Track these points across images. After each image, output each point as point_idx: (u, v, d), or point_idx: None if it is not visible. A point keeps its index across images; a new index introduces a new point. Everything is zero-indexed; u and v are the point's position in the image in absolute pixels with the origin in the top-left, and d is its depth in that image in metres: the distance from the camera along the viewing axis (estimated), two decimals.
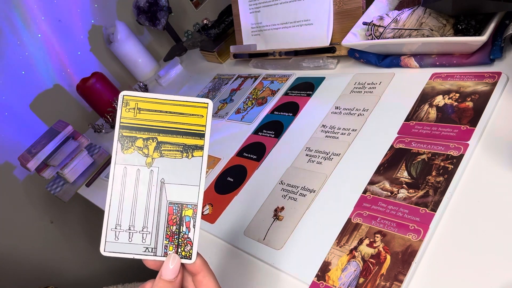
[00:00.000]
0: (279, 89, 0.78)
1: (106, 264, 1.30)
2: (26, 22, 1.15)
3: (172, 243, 0.35)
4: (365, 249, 0.43)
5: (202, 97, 0.95)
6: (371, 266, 0.41)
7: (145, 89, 1.20)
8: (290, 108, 0.71)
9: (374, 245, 0.42)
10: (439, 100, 0.52)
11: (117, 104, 0.36)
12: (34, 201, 1.20)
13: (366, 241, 0.43)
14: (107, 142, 1.09)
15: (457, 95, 0.51)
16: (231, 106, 0.83)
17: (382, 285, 0.39)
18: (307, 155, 0.59)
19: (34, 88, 1.19)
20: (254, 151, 0.67)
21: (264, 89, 0.81)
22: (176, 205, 0.35)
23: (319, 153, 0.58)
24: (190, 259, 0.35)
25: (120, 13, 1.30)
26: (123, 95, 0.36)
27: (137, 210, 0.35)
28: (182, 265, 0.35)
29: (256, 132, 0.71)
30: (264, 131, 0.70)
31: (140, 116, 0.36)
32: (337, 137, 0.58)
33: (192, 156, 0.36)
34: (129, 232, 0.35)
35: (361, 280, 0.40)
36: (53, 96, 1.23)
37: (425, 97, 0.54)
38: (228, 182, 0.65)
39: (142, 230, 0.35)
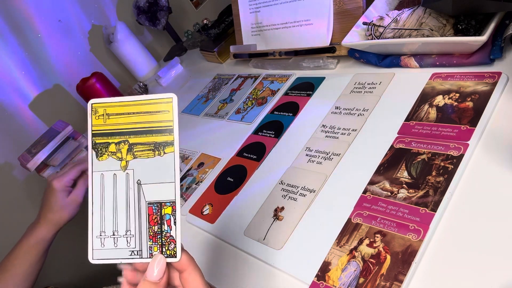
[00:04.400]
0: (279, 89, 0.78)
1: (106, 265, 1.30)
2: (26, 22, 1.15)
3: (156, 243, 0.35)
4: (365, 249, 0.43)
5: (202, 97, 0.95)
6: (371, 266, 0.41)
7: (145, 89, 1.20)
8: (290, 108, 0.71)
9: (374, 245, 0.42)
10: (439, 100, 0.52)
11: None
12: (34, 201, 1.20)
13: (366, 241, 0.43)
14: None
15: (457, 95, 0.51)
16: (231, 106, 0.83)
17: (382, 285, 0.39)
18: (307, 155, 0.59)
19: (34, 88, 1.19)
20: (254, 151, 0.67)
21: (264, 89, 0.81)
22: (155, 205, 0.35)
23: (319, 153, 0.58)
24: (175, 257, 0.35)
25: (120, 13, 1.30)
26: (91, 104, 0.36)
27: (118, 215, 0.36)
28: (168, 264, 0.35)
29: (256, 132, 0.71)
30: (264, 131, 0.70)
31: (110, 121, 0.36)
32: (337, 137, 0.58)
33: (164, 153, 0.35)
34: (114, 238, 0.35)
35: (361, 280, 0.40)
36: (53, 96, 1.22)
37: (425, 97, 0.54)
38: (228, 182, 0.65)
39: (126, 234, 0.35)
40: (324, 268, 0.44)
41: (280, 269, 0.48)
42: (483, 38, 0.49)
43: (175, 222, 0.35)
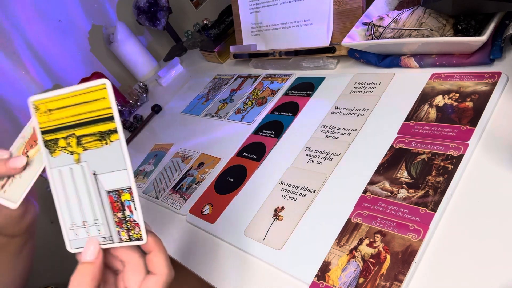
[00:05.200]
0: (279, 89, 0.78)
1: None
2: (26, 22, 1.15)
3: (123, 228, 0.36)
4: (365, 249, 0.43)
5: (202, 97, 0.95)
6: (371, 266, 0.41)
7: (145, 89, 1.20)
8: (290, 108, 0.71)
9: (374, 245, 0.42)
10: (439, 100, 0.52)
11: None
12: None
13: (366, 241, 0.43)
14: None
15: (457, 95, 0.51)
16: (231, 106, 0.83)
17: (382, 285, 0.39)
18: (307, 155, 0.59)
19: (34, 88, 1.19)
20: (254, 151, 0.67)
21: (264, 89, 0.81)
22: (114, 193, 0.36)
23: (319, 153, 0.58)
24: (142, 239, 0.36)
25: (120, 13, 1.30)
26: (32, 101, 0.36)
27: (83, 206, 0.37)
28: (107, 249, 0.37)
29: (256, 132, 0.71)
30: (264, 131, 0.70)
31: (53, 117, 0.36)
32: (337, 137, 0.58)
33: (111, 141, 0.35)
34: (85, 227, 0.37)
35: (361, 280, 0.40)
36: None
37: (425, 97, 0.54)
38: (228, 182, 0.65)
39: (95, 223, 0.36)
40: (324, 268, 0.44)
41: (280, 269, 0.48)
42: (483, 38, 0.49)
43: (135, 207, 0.35)
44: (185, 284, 0.70)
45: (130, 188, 0.35)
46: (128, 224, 0.36)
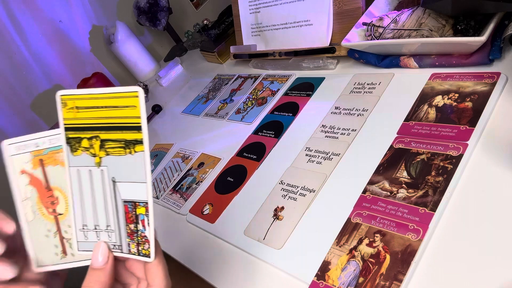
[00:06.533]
0: (279, 89, 0.78)
1: None
2: (27, 23, 1.15)
3: (133, 241, 0.35)
4: (365, 249, 0.43)
5: (202, 97, 0.95)
6: (370, 266, 0.41)
7: (145, 89, 1.20)
8: (290, 108, 0.71)
9: (374, 244, 0.43)
10: (439, 100, 0.52)
11: None
12: None
13: (366, 241, 0.43)
14: None
15: (456, 95, 0.51)
16: (231, 106, 0.84)
17: (382, 284, 0.39)
18: (307, 155, 0.59)
19: (34, 88, 1.19)
20: (254, 151, 0.67)
21: (264, 89, 0.81)
22: (130, 204, 0.35)
23: (319, 153, 0.58)
24: (149, 257, 0.34)
25: (120, 14, 1.30)
26: (60, 95, 0.34)
27: (97, 210, 0.35)
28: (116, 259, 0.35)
29: (256, 132, 0.72)
30: (264, 131, 0.70)
31: (80, 115, 0.34)
32: (337, 137, 0.58)
33: (135, 151, 0.34)
34: (96, 231, 0.35)
35: (361, 279, 0.41)
36: (53, 96, 1.22)
37: (424, 97, 0.54)
38: (228, 182, 0.65)
39: (107, 229, 0.35)
40: (324, 268, 0.44)
41: (280, 269, 0.48)
42: (482, 38, 0.49)
43: (148, 223, 0.34)
44: (186, 284, 0.70)
45: (147, 203, 0.34)
46: (139, 238, 0.34)
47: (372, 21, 0.66)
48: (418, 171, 0.46)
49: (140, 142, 0.33)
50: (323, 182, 0.53)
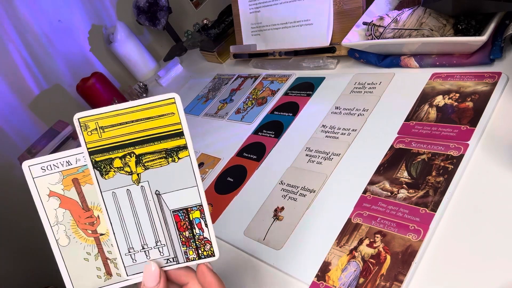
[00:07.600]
0: (279, 89, 0.78)
1: None
2: (26, 22, 1.15)
3: (190, 247, 0.34)
4: (365, 249, 0.43)
5: (202, 97, 0.95)
6: (371, 266, 0.41)
7: (145, 89, 1.20)
8: (290, 108, 0.71)
9: (374, 245, 0.42)
10: (439, 100, 0.52)
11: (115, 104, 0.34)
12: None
13: (366, 241, 0.43)
14: None
15: (457, 95, 0.51)
16: (231, 106, 0.83)
17: (382, 285, 0.39)
18: (307, 155, 0.59)
19: (34, 88, 1.19)
20: (254, 151, 0.67)
21: (264, 89, 0.81)
22: (181, 211, 0.34)
23: (319, 153, 0.58)
24: (214, 256, 0.34)
25: (120, 13, 1.30)
26: (78, 119, 0.32)
27: (143, 229, 0.34)
28: (164, 273, 0.34)
29: (256, 132, 0.71)
30: (264, 131, 0.70)
31: (106, 135, 0.32)
32: (337, 137, 0.58)
33: (178, 158, 0.33)
34: (145, 251, 0.34)
35: (361, 280, 0.40)
36: (53, 96, 1.23)
37: (425, 97, 0.54)
38: (228, 182, 0.65)
39: (157, 245, 0.34)
40: (324, 268, 0.44)
41: (280, 269, 0.48)
42: (483, 38, 0.49)
43: (206, 225, 0.34)
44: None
45: (201, 205, 0.33)
46: (197, 242, 0.34)
47: (372, 21, 0.65)
48: (419, 171, 0.46)
49: (183, 147, 0.33)
50: (323, 182, 0.53)
